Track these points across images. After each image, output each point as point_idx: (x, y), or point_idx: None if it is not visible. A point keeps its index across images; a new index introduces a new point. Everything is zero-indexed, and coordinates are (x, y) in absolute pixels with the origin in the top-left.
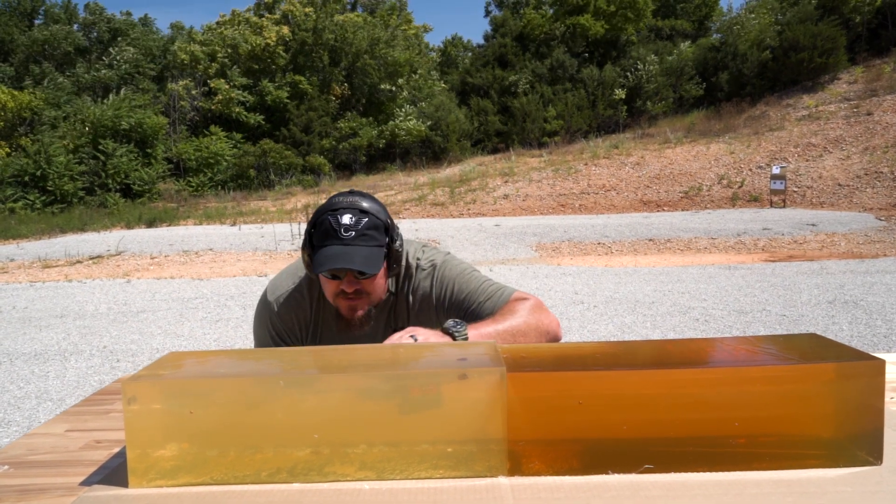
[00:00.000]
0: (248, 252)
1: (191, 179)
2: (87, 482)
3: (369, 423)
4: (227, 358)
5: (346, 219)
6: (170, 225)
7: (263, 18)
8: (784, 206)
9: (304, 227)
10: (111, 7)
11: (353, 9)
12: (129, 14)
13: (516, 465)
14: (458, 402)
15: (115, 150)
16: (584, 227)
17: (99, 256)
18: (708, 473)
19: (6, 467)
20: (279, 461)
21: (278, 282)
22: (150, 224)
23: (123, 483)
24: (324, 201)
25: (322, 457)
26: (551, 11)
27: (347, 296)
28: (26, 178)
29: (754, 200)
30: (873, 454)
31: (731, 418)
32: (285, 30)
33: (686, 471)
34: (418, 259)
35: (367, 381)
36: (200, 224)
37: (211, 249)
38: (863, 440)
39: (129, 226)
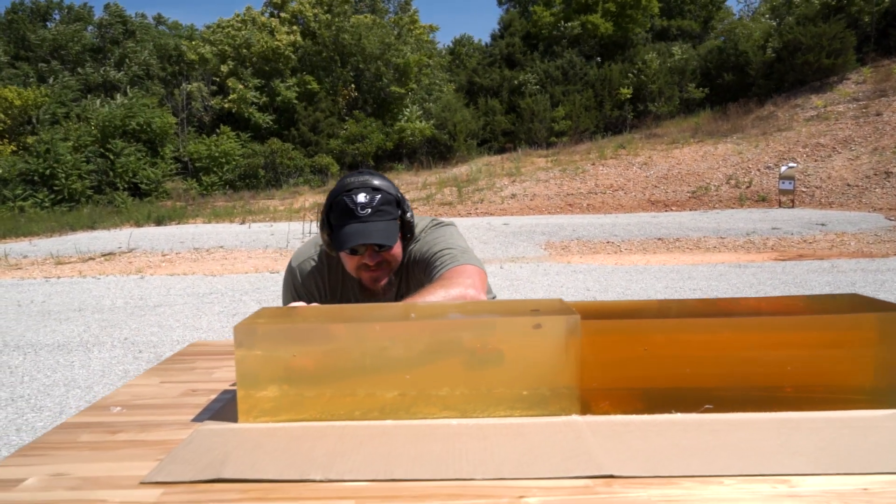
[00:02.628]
0: (259, 249)
1: (202, 178)
2: (198, 419)
3: (451, 369)
4: (317, 311)
5: (362, 197)
6: (179, 223)
7: (273, 19)
8: (793, 206)
9: (314, 225)
10: (128, 7)
11: (365, 10)
12: (143, 16)
13: (586, 407)
14: (533, 349)
15: (122, 149)
16: (592, 226)
17: (111, 253)
18: (764, 413)
19: (119, 408)
20: (370, 402)
21: (302, 250)
22: (160, 222)
23: (231, 419)
24: (341, 179)
25: (408, 398)
26: (560, 9)
27: (370, 268)
28: (35, 177)
29: (762, 200)
30: None
31: (782, 370)
32: (297, 34)
33: (743, 412)
34: (422, 230)
35: (450, 330)
36: (209, 222)
37: (221, 247)
38: None
39: (138, 224)
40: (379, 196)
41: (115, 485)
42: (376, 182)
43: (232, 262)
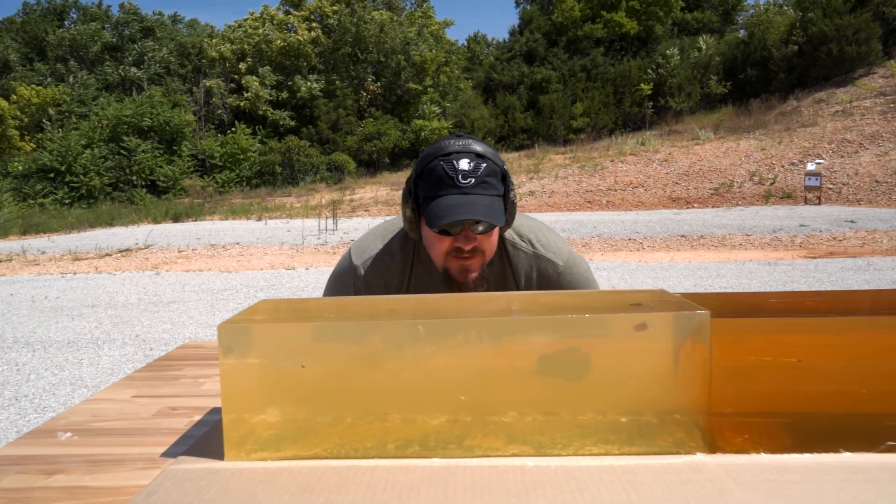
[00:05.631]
0: (275, 246)
1: (217, 176)
2: (170, 453)
3: (521, 386)
4: (335, 304)
5: (464, 164)
6: (196, 220)
7: (291, 15)
8: (819, 203)
9: (330, 222)
10: (144, 6)
11: (381, 7)
12: (161, 14)
13: (712, 442)
14: (635, 358)
15: (138, 146)
16: (613, 223)
17: (127, 250)
18: None
19: (69, 434)
20: (408, 432)
21: (364, 244)
22: (177, 219)
23: (216, 455)
24: (434, 143)
25: (461, 426)
26: (585, 4)
27: (462, 255)
28: (52, 175)
29: (787, 197)
30: None
31: None
32: (317, 30)
33: None
34: (540, 242)
35: (519, 331)
36: (226, 219)
37: (238, 243)
38: None
39: (156, 220)
40: (484, 165)
41: None
42: (479, 148)
43: (248, 258)
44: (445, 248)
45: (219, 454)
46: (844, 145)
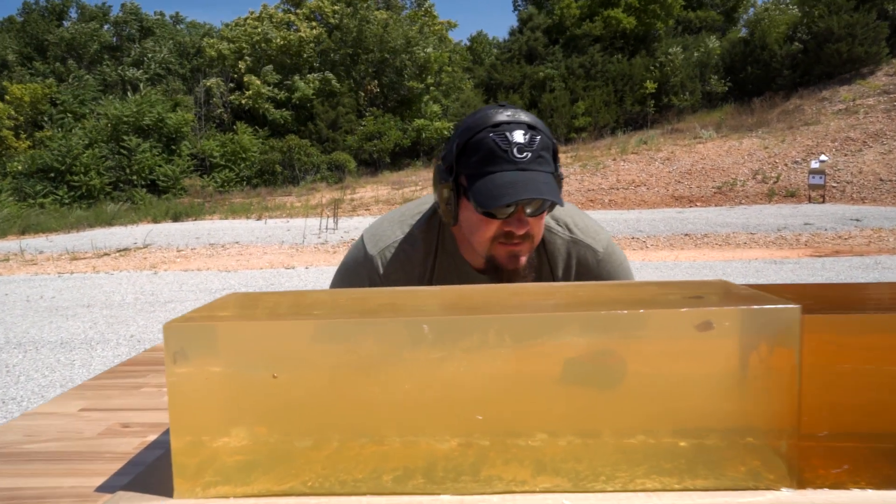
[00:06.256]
0: (275, 245)
1: (216, 175)
2: (108, 486)
3: (552, 400)
4: (318, 298)
5: (519, 136)
6: (196, 219)
7: (291, 14)
8: (823, 202)
9: (330, 221)
10: (145, 6)
11: (380, 5)
12: (161, 14)
13: (797, 473)
14: (696, 366)
15: (138, 145)
16: (615, 222)
17: (126, 249)
18: None
19: None
20: (409, 459)
21: (380, 231)
22: (177, 218)
23: (165, 490)
24: (475, 113)
25: (476, 452)
26: (584, 2)
27: (512, 240)
28: (52, 174)
29: (791, 196)
30: None
31: None
32: (318, 28)
33: None
34: (578, 226)
35: (550, 330)
36: (226, 218)
37: (237, 243)
38: None
39: (155, 220)
40: (539, 138)
41: None
42: (528, 119)
43: (247, 257)
44: (492, 232)
45: (168, 488)
46: (848, 143)
